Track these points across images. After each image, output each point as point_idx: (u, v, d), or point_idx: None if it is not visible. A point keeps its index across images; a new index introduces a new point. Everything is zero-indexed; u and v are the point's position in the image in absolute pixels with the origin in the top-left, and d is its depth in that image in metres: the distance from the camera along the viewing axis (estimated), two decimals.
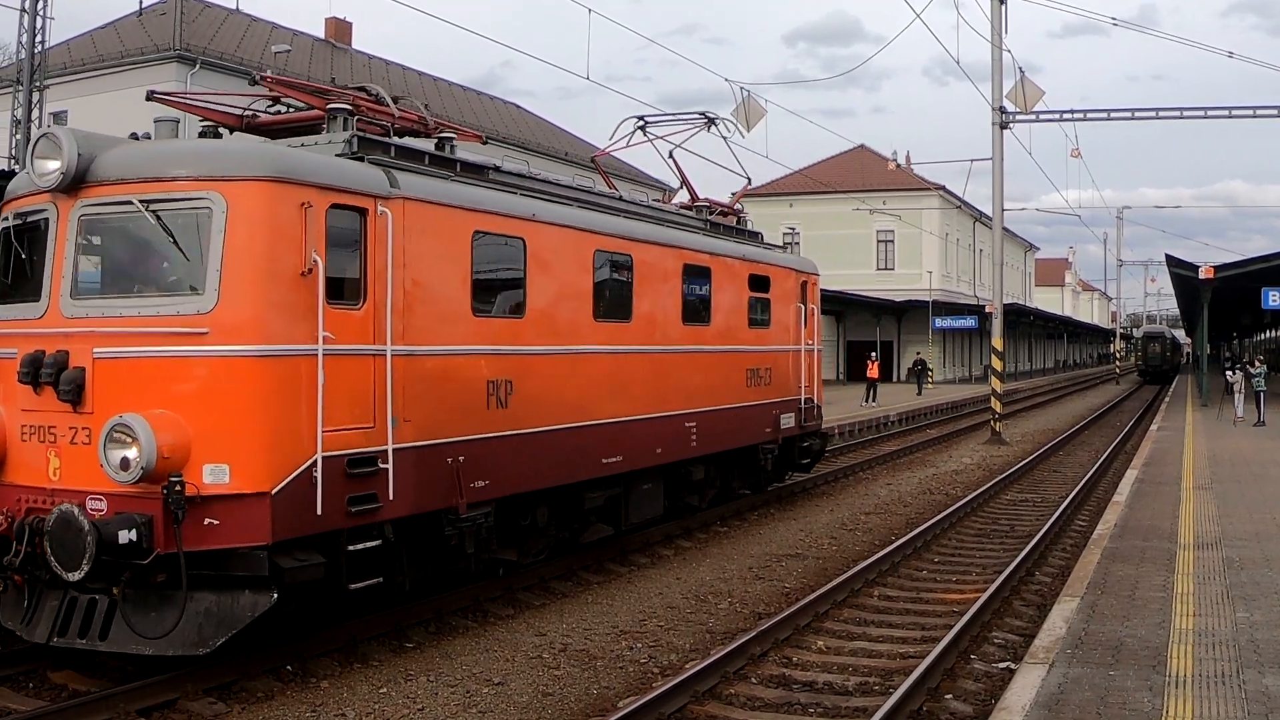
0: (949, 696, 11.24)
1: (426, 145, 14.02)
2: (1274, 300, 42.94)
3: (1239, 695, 9.55)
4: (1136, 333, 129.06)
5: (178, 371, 10.74)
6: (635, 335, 17.11)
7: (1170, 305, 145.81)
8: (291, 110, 14.01)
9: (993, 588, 15.01)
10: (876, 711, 10.22)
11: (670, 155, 22.54)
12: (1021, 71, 40.03)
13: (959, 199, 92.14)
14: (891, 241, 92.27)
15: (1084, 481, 26.58)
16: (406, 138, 14.10)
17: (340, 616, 12.94)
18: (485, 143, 17.68)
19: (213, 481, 10.52)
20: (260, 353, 10.74)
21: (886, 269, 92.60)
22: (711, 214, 21.96)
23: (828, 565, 17.85)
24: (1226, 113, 40.59)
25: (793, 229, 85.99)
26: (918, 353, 75.50)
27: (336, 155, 12.38)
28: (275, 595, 10.73)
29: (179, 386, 10.70)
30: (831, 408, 49.18)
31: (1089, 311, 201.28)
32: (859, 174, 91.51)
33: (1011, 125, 39.82)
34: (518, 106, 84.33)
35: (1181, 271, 50.67)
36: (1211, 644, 11.13)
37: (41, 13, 36.73)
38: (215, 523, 10.56)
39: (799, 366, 23.65)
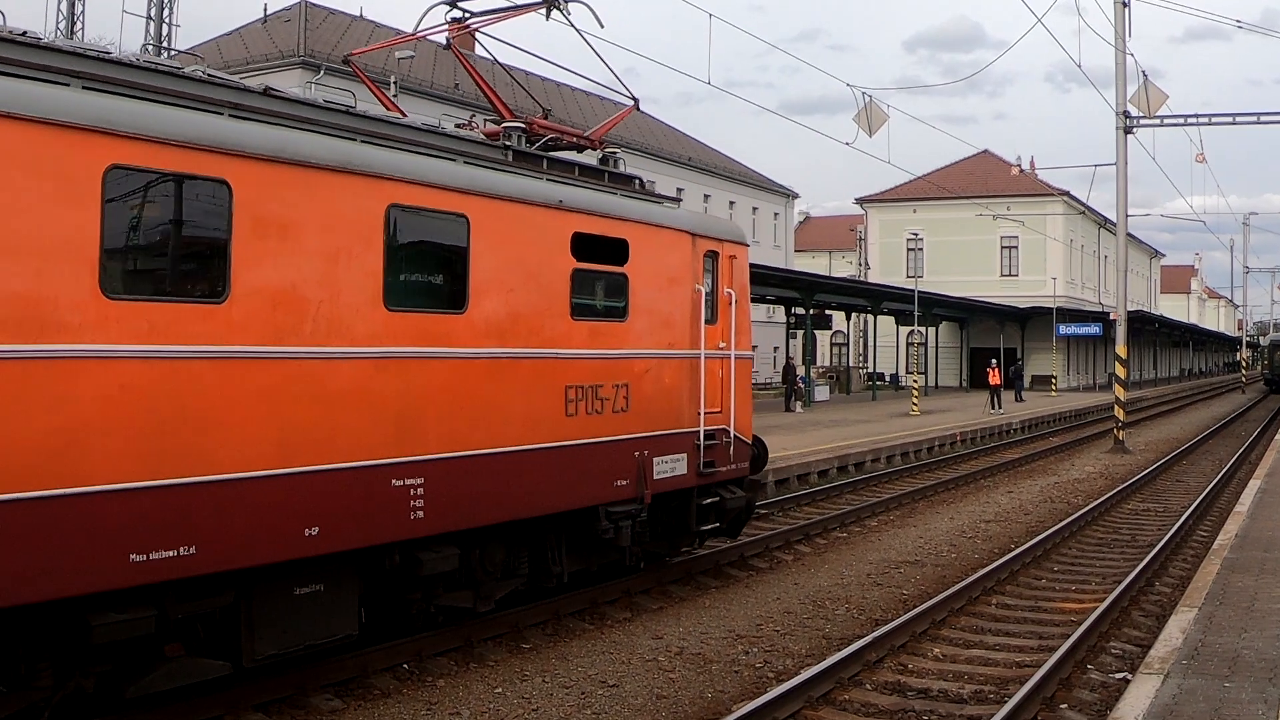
0: (1064, 706, 11.26)
1: None
2: None
3: None
4: (1263, 341, 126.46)
5: None
6: (237, 329, 9.83)
7: None
8: None
9: (1111, 597, 14.95)
10: None
11: (448, 45, 16.50)
12: (1145, 75, 39.54)
13: (1083, 205, 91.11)
14: (1015, 248, 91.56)
15: (1207, 491, 26.22)
16: None
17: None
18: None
19: None
20: None
21: (1010, 275, 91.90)
22: (528, 136, 14.61)
23: (946, 573, 17.85)
24: None
25: (916, 234, 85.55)
26: (1018, 359, 74.70)
27: None
28: None
29: None
30: (953, 414, 49.16)
31: (1215, 319, 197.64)
32: (982, 179, 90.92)
33: (1135, 130, 39.31)
34: (641, 112, 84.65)
35: None
36: None
37: (167, 20, 37.71)
38: None
39: (700, 382, 15.85)
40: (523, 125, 14.51)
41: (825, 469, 28.98)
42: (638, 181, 16.03)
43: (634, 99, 17.54)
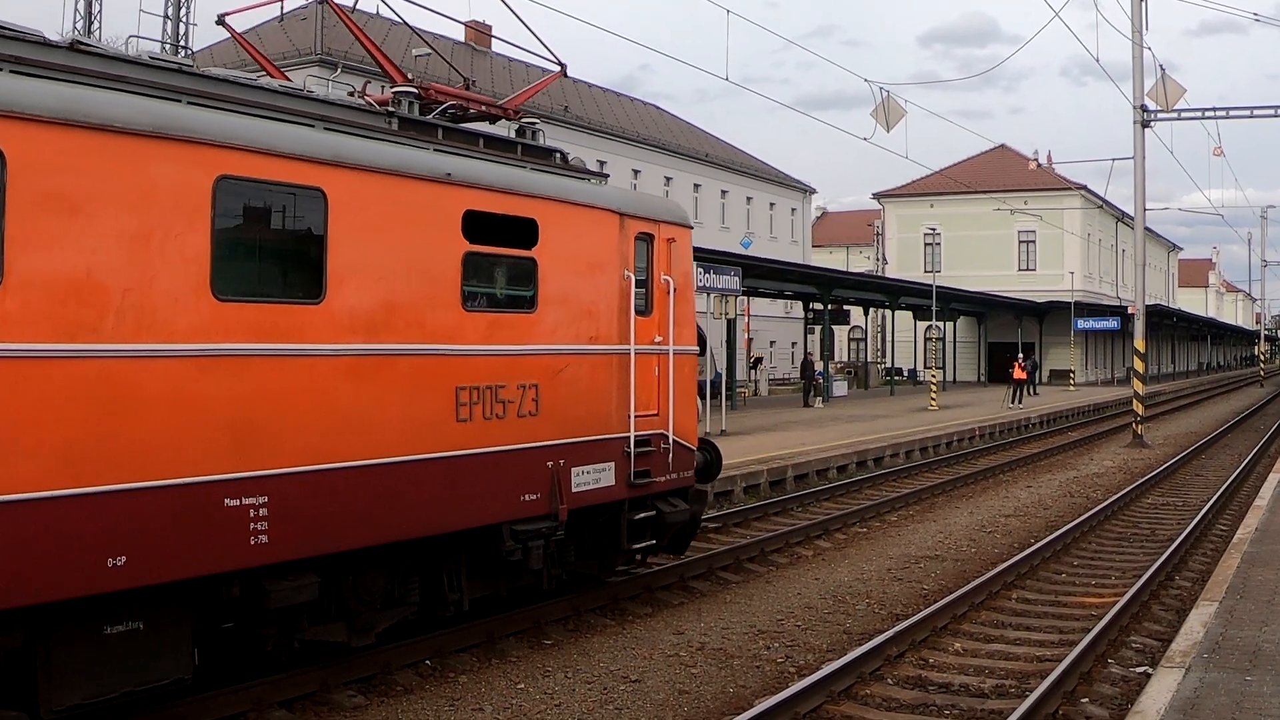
0: (1085, 700, 11.29)
1: None
2: None
3: None
4: None
5: None
6: (10, 324, 8.32)
7: None
8: None
9: (1131, 591, 14.96)
10: (1011, 714, 10.31)
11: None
12: (1162, 69, 39.46)
13: (1101, 199, 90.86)
14: (1033, 242, 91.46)
15: (1226, 485, 26.19)
16: None
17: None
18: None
19: None
20: None
21: (1028, 270, 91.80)
22: (425, 103, 13.19)
23: (966, 567, 17.88)
24: None
25: (933, 229, 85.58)
26: (1032, 354, 74.52)
27: None
28: None
29: None
30: (972, 409, 49.11)
31: (1233, 313, 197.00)
32: (999, 174, 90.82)
33: (1153, 124, 39.26)
34: (658, 108, 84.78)
35: None
36: None
37: (184, 19, 37.80)
38: None
39: (630, 382, 14.01)
40: (415, 90, 12.92)
41: (844, 464, 28.99)
42: (559, 155, 14.14)
43: (560, 65, 15.71)
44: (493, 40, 69.11)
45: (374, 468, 10.67)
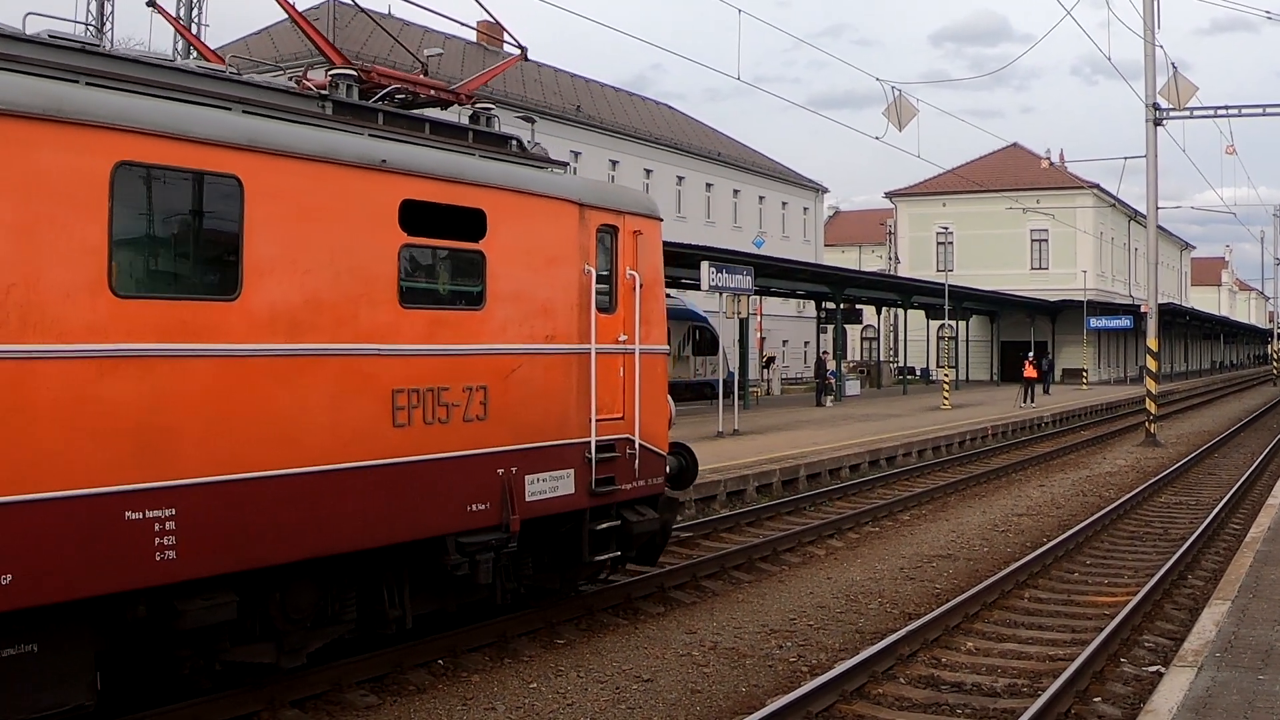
0: (1097, 699, 11.29)
1: None
2: None
3: None
4: None
5: None
6: None
7: None
8: None
9: (1144, 591, 14.97)
10: (1024, 713, 10.31)
11: None
12: (1174, 67, 39.41)
13: (1113, 197, 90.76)
14: (1045, 241, 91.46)
15: (1239, 484, 26.13)
16: None
17: (492, 614, 12.73)
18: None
19: None
20: None
21: (1040, 269, 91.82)
22: (366, 87, 12.42)
23: (978, 566, 17.88)
24: None
25: (945, 228, 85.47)
26: (1047, 353, 74.35)
27: None
28: None
29: None
30: (984, 408, 49.09)
31: (1245, 311, 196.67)
32: (1011, 173, 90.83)
33: (1165, 122, 39.21)
34: (670, 108, 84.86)
35: None
36: None
37: (196, 19, 37.89)
38: None
39: (590, 383, 13.10)
40: (354, 73, 12.05)
41: (856, 463, 28.99)
42: (515, 142, 13.26)
43: (522, 48, 14.92)
44: (504, 40, 69.45)
45: (298, 477, 9.87)
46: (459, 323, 11.58)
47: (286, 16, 13.37)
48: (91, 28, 44.54)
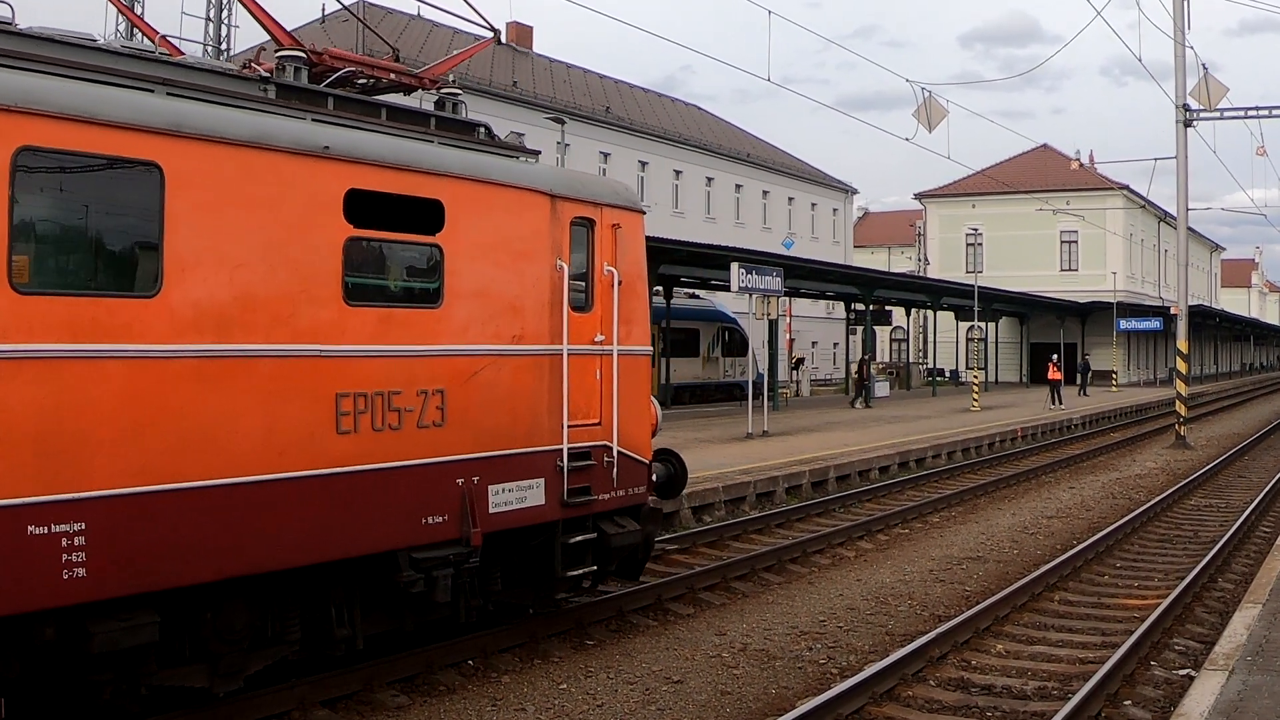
0: (1128, 703, 11.28)
1: None
2: None
3: None
4: None
5: None
6: None
7: None
8: None
9: (1174, 593, 14.95)
10: (1054, 716, 10.32)
11: None
12: (1205, 68, 39.23)
13: (1143, 199, 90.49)
14: (1075, 242, 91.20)
15: (1269, 487, 26.03)
16: None
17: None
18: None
19: None
20: None
21: (1070, 270, 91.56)
22: (317, 70, 11.66)
23: (1008, 569, 17.86)
24: None
25: (975, 230, 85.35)
26: (1085, 354, 74.05)
27: None
28: None
29: None
30: (1014, 410, 48.96)
31: (1275, 313, 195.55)
32: (1041, 174, 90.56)
33: (1195, 123, 39.07)
34: (699, 109, 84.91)
35: None
36: None
37: (226, 21, 38.12)
38: None
39: (562, 386, 12.20)
40: (303, 55, 11.16)
41: (886, 465, 28.98)
42: (482, 130, 12.41)
43: (493, 30, 14.10)
44: (533, 41, 69.75)
45: (225, 488, 9.03)
46: (413, 322, 10.71)
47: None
48: (119, 32, 44.80)
